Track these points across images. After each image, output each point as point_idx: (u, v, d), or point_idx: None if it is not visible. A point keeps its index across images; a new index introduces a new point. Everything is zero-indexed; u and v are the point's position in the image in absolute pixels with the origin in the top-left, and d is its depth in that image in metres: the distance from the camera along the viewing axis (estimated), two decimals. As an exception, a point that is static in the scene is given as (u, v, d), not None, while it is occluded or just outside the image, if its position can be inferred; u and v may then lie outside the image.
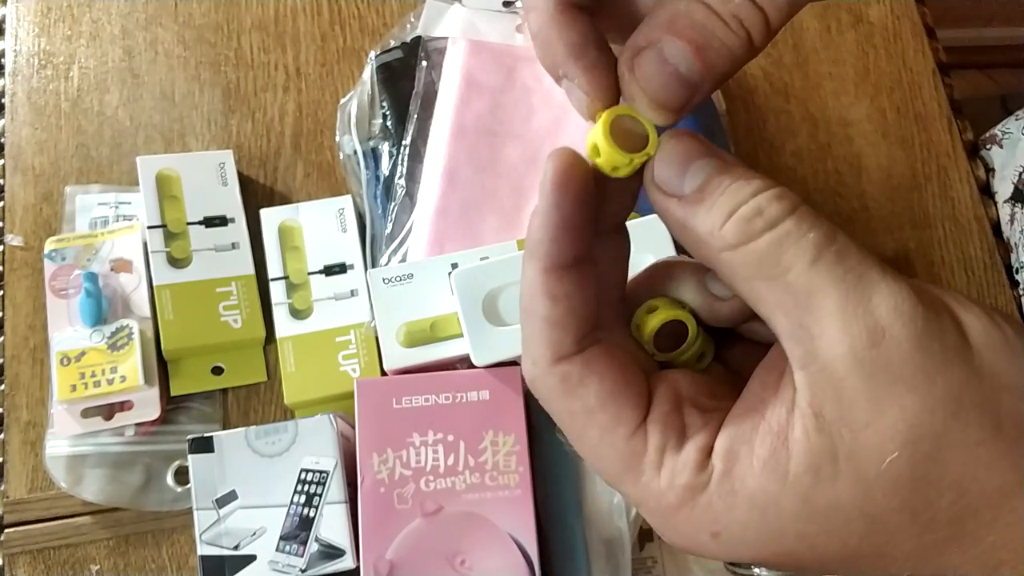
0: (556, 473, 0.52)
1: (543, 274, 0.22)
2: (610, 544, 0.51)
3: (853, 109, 0.69)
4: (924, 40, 0.71)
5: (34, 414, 0.56)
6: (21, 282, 0.59)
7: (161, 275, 0.57)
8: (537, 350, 0.23)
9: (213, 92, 0.65)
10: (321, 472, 0.48)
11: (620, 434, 0.22)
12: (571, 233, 0.22)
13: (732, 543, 0.22)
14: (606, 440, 0.22)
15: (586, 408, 0.23)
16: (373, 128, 0.62)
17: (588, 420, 0.23)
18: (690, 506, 0.22)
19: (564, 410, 0.23)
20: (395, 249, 0.58)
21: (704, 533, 0.22)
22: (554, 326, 0.23)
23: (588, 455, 0.23)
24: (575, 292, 0.22)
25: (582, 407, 0.23)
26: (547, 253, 0.22)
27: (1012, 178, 0.68)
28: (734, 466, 0.21)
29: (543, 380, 0.23)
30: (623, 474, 0.23)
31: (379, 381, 0.51)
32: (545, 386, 0.23)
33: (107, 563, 0.54)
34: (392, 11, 0.68)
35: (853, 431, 0.20)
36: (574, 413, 0.23)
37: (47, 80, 0.65)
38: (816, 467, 0.20)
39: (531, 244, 0.22)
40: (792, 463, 0.20)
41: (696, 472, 0.22)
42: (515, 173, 0.59)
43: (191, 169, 0.60)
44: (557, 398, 0.23)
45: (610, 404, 0.22)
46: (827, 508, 0.20)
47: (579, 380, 0.23)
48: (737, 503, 0.21)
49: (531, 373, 0.24)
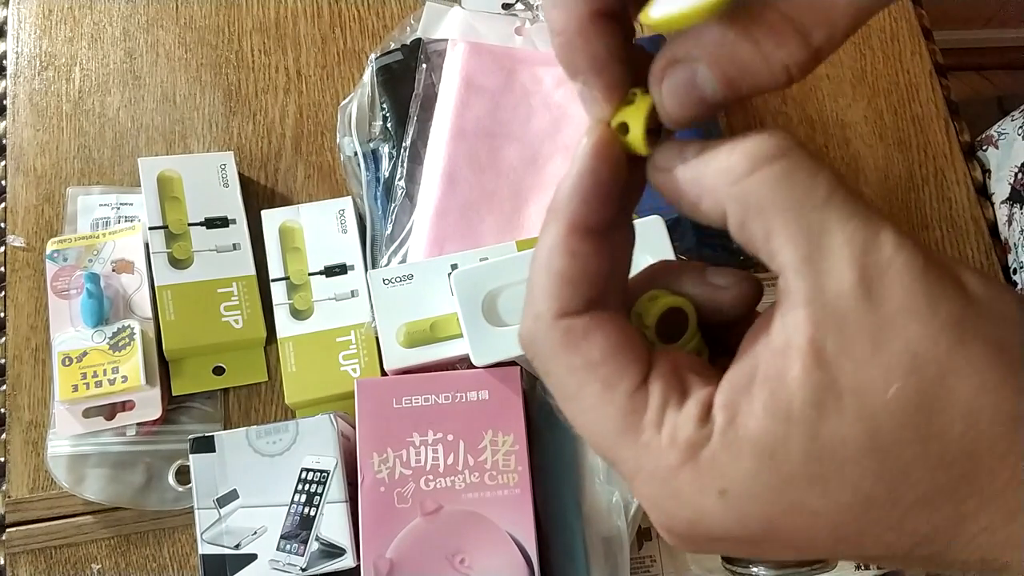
0: (555, 472, 0.52)
1: (568, 230, 0.23)
2: (609, 543, 0.51)
3: (850, 111, 0.69)
4: (921, 42, 0.71)
5: (36, 414, 0.56)
6: (23, 283, 0.59)
7: (162, 276, 0.57)
8: (543, 304, 0.23)
9: (214, 94, 0.65)
10: (322, 471, 0.49)
11: (622, 390, 0.22)
12: (602, 199, 0.23)
13: (741, 500, 0.20)
14: (606, 396, 0.22)
15: (588, 362, 0.22)
16: (373, 130, 0.63)
17: (589, 375, 0.22)
18: (693, 463, 0.21)
19: (564, 366, 0.23)
20: (395, 250, 0.58)
21: (710, 493, 0.21)
22: (567, 282, 0.23)
23: (583, 416, 0.23)
24: (592, 256, 0.23)
25: (584, 361, 0.22)
26: (576, 212, 0.23)
27: (1008, 179, 0.68)
28: (736, 415, 0.21)
29: (545, 334, 0.23)
30: (621, 434, 0.22)
31: (379, 381, 0.51)
32: (547, 340, 0.23)
33: (108, 562, 0.54)
34: (392, 13, 0.69)
35: (856, 363, 0.19)
36: (574, 368, 0.22)
37: (49, 82, 0.65)
38: (819, 402, 0.20)
39: (559, 204, 0.23)
40: (795, 401, 0.20)
41: (698, 426, 0.21)
42: (514, 174, 0.59)
43: (192, 170, 0.60)
44: (558, 352, 0.23)
45: (613, 359, 0.22)
46: (835, 444, 0.19)
47: (583, 334, 0.22)
48: (743, 451, 0.20)
49: (531, 328, 0.23)
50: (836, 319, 0.20)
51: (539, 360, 0.23)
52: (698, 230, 0.59)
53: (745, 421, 0.20)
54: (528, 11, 0.65)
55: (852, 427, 0.19)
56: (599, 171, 0.23)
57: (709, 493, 0.21)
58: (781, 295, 0.21)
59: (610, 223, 0.23)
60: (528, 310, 0.23)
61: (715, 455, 0.21)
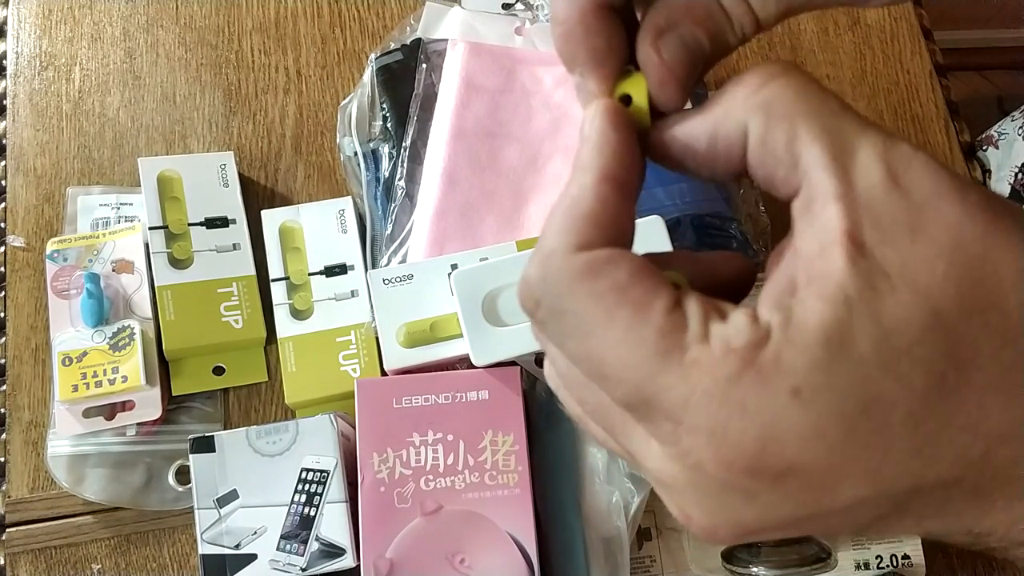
0: (555, 472, 0.52)
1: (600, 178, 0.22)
2: (609, 543, 0.51)
3: (850, 111, 0.69)
4: (921, 42, 0.71)
5: (36, 414, 0.56)
6: (23, 283, 0.59)
7: (162, 276, 0.57)
8: (560, 240, 0.22)
9: (214, 94, 0.65)
10: (321, 471, 0.49)
11: (658, 307, 0.20)
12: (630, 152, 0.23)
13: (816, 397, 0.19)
14: (640, 317, 0.20)
15: (616, 285, 0.21)
16: (373, 130, 0.63)
17: (619, 298, 0.20)
18: (756, 366, 0.19)
19: (587, 293, 0.21)
20: (395, 250, 0.58)
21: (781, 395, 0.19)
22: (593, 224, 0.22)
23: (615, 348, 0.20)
24: (622, 207, 0.22)
25: (611, 284, 0.21)
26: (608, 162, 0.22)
27: (1008, 179, 0.68)
28: (791, 313, 0.19)
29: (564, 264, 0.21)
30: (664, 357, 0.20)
31: (379, 381, 0.51)
32: (566, 269, 0.21)
33: (108, 562, 0.54)
34: (392, 13, 0.69)
35: (898, 249, 0.19)
36: (600, 294, 0.20)
37: (48, 82, 0.65)
38: (873, 285, 0.19)
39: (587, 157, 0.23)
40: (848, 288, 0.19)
41: (752, 328, 0.19)
42: (514, 174, 0.59)
43: (192, 170, 0.60)
44: (580, 281, 0.21)
45: (642, 280, 0.21)
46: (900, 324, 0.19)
47: (608, 259, 0.21)
48: (809, 343, 0.19)
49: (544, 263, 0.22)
50: (870, 210, 0.19)
51: (552, 296, 0.21)
52: (698, 230, 0.59)
53: (803, 315, 0.19)
54: (528, 11, 0.65)
55: (911, 306, 0.19)
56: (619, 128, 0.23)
57: (780, 396, 0.19)
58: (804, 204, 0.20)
59: (634, 187, 0.23)
60: (538, 250, 0.22)
61: (779, 353, 0.19)
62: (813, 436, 0.19)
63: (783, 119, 0.21)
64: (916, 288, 0.19)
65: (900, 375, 0.19)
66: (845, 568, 0.53)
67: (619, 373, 0.20)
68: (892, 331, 0.19)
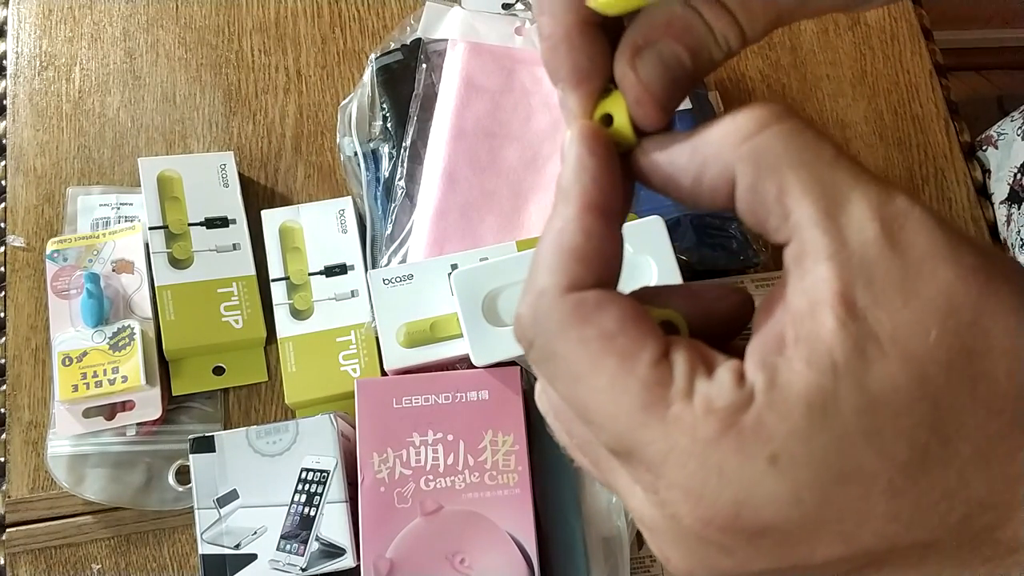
0: (555, 472, 0.52)
1: (582, 209, 0.22)
2: (609, 543, 0.51)
3: (850, 111, 0.69)
4: (921, 42, 0.71)
5: (36, 414, 0.56)
6: (23, 283, 0.59)
7: (162, 276, 0.57)
8: (549, 279, 0.21)
9: (214, 94, 0.65)
10: (321, 471, 0.49)
11: (643, 359, 0.20)
12: (610, 179, 0.22)
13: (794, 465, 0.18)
14: (625, 368, 0.20)
15: (603, 333, 0.20)
16: (373, 130, 0.63)
17: (605, 346, 0.20)
18: (736, 430, 0.19)
19: (574, 339, 0.21)
20: (395, 250, 0.58)
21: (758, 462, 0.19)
22: (578, 259, 0.21)
23: (599, 396, 0.20)
24: (606, 238, 0.22)
25: (598, 332, 0.20)
26: (587, 190, 0.22)
27: (1008, 179, 0.68)
28: (776, 374, 0.19)
29: (552, 308, 0.21)
30: (645, 410, 0.19)
31: (379, 381, 0.51)
32: (554, 313, 0.21)
33: (108, 562, 0.54)
34: (392, 13, 0.69)
35: (890, 312, 0.19)
36: (587, 340, 0.20)
37: (49, 82, 0.65)
38: (862, 352, 0.19)
39: (568, 186, 0.22)
40: (836, 353, 0.19)
41: (735, 389, 0.19)
42: (514, 174, 0.59)
43: (192, 170, 0.60)
44: (567, 326, 0.21)
45: (631, 328, 0.20)
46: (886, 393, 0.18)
47: (596, 305, 0.21)
48: (791, 410, 0.19)
49: (534, 304, 0.21)
50: (863, 269, 0.19)
51: (543, 338, 0.21)
52: (698, 230, 0.59)
53: (788, 379, 0.19)
54: (528, 11, 0.65)
55: (899, 374, 0.18)
56: (598, 152, 0.23)
57: (758, 462, 0.19)
58: (796, 256, 0.20)
59: (617, 210, 0.23)
60: (530, 288, 0.22)
61: (760, 418, 0.19)
62: (789, 502, 0.19)
63: (773, 171, 0.20)
64: (906, 355, 0.19)
65: (882, 446, 0.19)
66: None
67: (603, 421, 0.20)
68: (878, 400, 0.18)
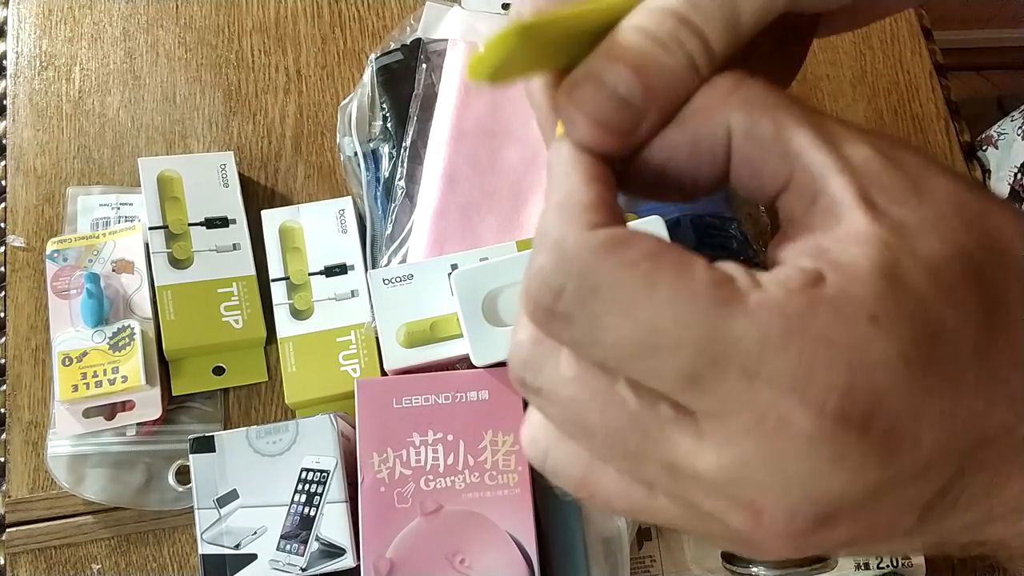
0: (555, 472, 0.52)
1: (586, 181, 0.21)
2: (609, 543, 0.51)
3: (850, 111, 0.69)
4: (921, 42, 0.71)
5: (36, 414, 0.56)
6: (23, 283, 0.59)
7: (163, 276, 0.57)
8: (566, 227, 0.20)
9: (214, 94, 0.65)
10: (321, 471, 0.49)
11: (701, 264, 0.19)
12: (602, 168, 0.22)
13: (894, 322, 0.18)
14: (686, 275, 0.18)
15: (648, 252, 0.19)
16: (373, 130, 0.63)
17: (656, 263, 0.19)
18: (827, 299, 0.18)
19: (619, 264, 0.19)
20: (395, 250, 0.58)
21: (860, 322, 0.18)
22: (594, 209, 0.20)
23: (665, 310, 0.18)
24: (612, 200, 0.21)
25: (643, 252, 0.19)
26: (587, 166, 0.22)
27: (1008, 179, 0.68)
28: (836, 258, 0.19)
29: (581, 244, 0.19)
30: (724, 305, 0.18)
31: (379, 381, 0.51)
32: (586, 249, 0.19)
33: (108, 562, 0.54)
34: (392, 13, 0.69)
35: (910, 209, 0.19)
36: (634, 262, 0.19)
37: (48, 82, 0.65)
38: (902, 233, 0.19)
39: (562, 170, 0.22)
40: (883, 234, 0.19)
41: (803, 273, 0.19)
42: (514, 174, 0.59)
43: (192, 170, 0.60)
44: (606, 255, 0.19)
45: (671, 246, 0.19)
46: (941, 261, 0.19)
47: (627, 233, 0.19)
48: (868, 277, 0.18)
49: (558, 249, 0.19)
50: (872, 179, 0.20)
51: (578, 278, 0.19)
52: (698, 230, 0.59)
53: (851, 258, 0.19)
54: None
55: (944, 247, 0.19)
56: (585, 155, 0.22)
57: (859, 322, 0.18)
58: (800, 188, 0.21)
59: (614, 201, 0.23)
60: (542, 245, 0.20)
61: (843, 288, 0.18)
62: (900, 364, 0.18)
63: (767, 109, 0.21)
64: (941, 235, 0.19)
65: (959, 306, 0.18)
66: (845, 568, 0.53)
67: (677, 336, 0.18)
68: (938, 267, 0.19)
